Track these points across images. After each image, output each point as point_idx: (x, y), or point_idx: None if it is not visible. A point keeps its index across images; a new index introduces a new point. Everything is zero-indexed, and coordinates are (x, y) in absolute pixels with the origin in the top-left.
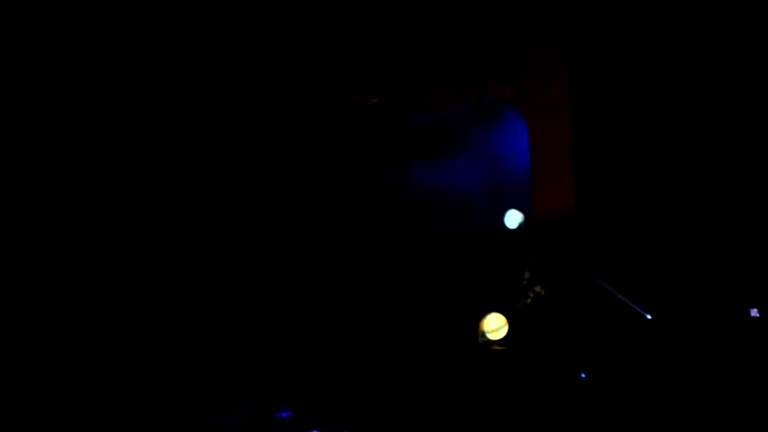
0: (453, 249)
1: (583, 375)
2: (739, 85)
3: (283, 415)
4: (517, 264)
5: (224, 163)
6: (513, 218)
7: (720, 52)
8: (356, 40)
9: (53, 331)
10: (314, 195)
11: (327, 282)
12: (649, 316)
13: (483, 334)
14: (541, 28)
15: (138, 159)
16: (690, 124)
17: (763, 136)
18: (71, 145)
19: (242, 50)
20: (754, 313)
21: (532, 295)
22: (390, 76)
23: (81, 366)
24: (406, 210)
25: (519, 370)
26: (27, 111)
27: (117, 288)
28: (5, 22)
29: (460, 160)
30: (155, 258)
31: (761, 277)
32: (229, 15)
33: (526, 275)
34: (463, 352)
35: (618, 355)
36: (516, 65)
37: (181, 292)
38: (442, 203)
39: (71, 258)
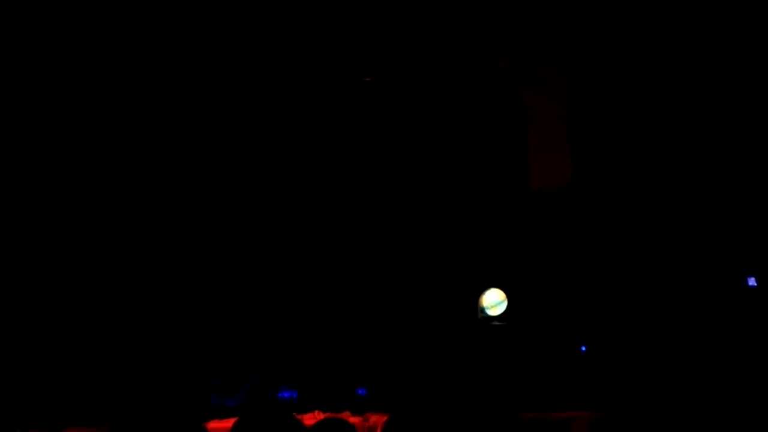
0: (448, 227)
1: (583, 348)
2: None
3: (286, 395)
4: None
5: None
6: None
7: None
8: (350, 18)
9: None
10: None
11: (325, 264)
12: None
13: (482, 310)
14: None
15: (131, 154)
16: (683, 101)
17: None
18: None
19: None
20: (752, 282)
21: None
22: (383, 54)
23: (80, 353)
24: (401, 190)
25: (519, 345)
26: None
27: (116, 275)
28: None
29: (455, 138)
30: (154, 246)
31: (759, 246)
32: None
33: None
34: (462, 328)
35: (618, 327)
36: (511, 39)
37: (182, 278)
38: (437, 183)
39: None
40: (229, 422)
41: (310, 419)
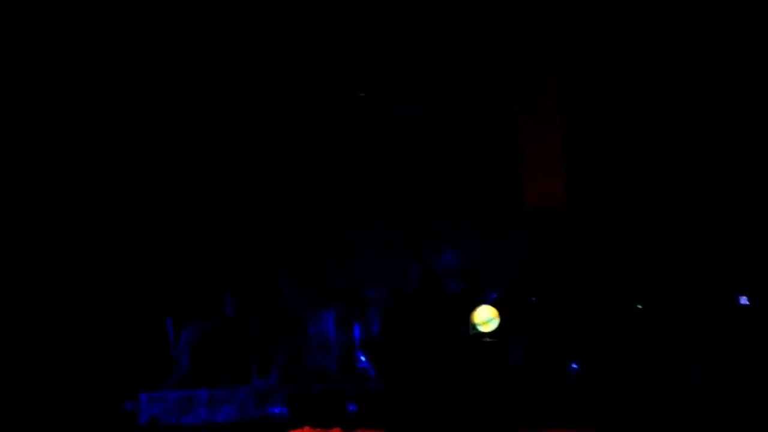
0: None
1: (575, 366)
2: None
3: (276, 411)
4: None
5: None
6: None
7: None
8: (346, 35)
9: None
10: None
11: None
12: (639, 306)
13: (474, 326)
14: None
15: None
16: (680, 120)
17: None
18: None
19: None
20: (744, 300)
21: None
22: (378, 71)
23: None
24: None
25: (510, 362)
26: None
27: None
28: None
29: (449, 156)
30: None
31: (750, 266)
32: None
33: None
34: (454, 344)
35: (610, 346)
36: (506, 60)
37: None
38: (431, 198)
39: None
40: None
41: None
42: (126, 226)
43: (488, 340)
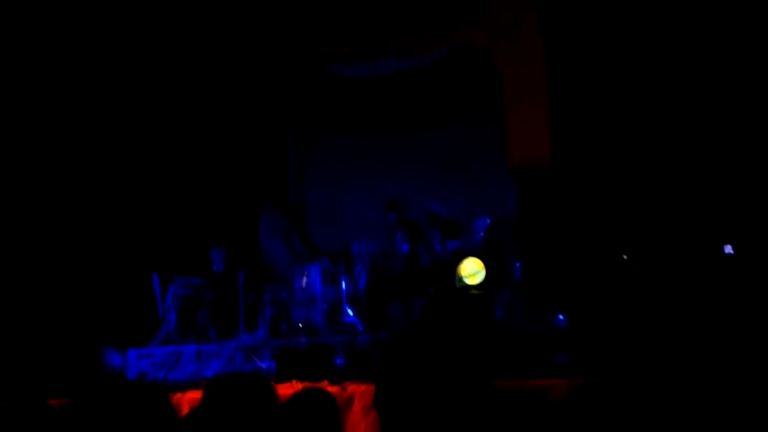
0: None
1: (561, 317)
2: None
3: (264, 365)
4: None
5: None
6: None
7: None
8: None
9: None
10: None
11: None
12: (625, 257)
13: (460, 279)
14: None
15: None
16: (665, 74)
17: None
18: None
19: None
20: (728, 249)
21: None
22: (360, 24)
23: None
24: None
25: (497, 315)
26: None
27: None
28: None
29: (435, 109)
30: None
31: (734, 215)
32: None
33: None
34: (441, 296)
35: (596, 297)
36: (489, 10)
37: None
38: (418, 156)
39: None
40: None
41: (287, 389)
42: (111, 184)
43: (475, 292)
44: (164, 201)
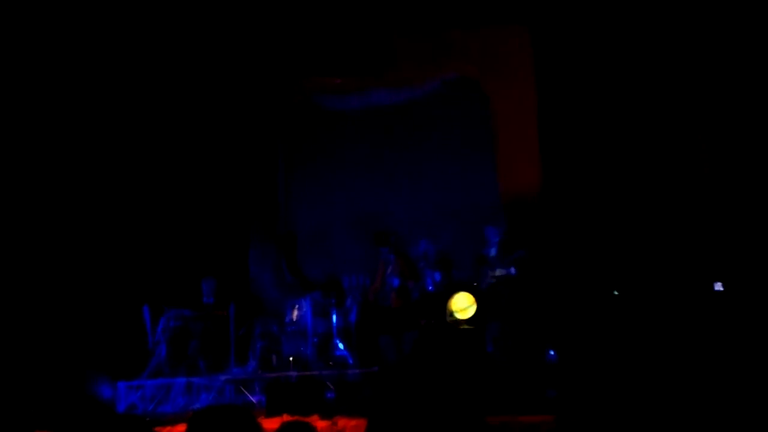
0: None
1: (552, 353)
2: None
3: (254, 399)
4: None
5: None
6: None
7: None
8: (318, 19)
9: None
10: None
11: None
12: (616, 292)
13: (451, 314)
14: (505, 5)
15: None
16: (655, 107)
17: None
18: None
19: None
20: (718, 286)
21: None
22: (352, 57)
23: None
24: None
25: (488, 349)
26: None
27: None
28: None
29: (425, 141)
30: None
31: (724, 252)
32: None
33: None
34: (431, 330)
35: (586, 332)
36: (481, 43)
37: None
38: (409, 185)
39: None
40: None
41: (278, 423)
42: (102, 216)
43: (465, 327)
44: (155, 232)
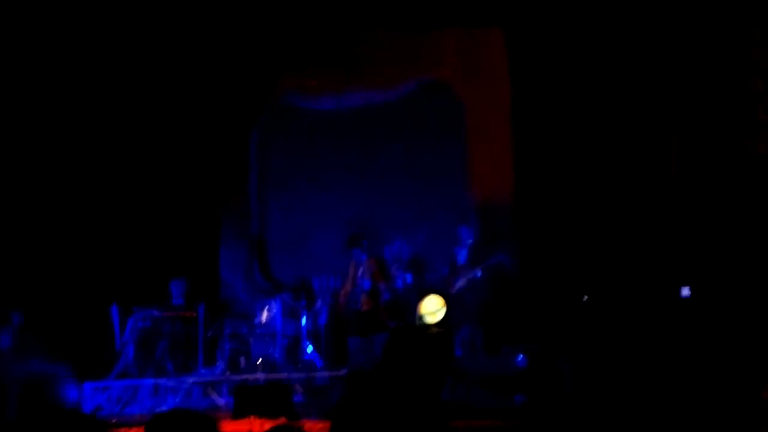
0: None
1: (521, 357)
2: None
3: (222, 401)
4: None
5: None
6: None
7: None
8: (293, 20)
9: None
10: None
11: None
12: (585, 297)
13: (421, 317)
14: (480, 8)
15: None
16: (627, 116)
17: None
18: None
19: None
20: (685, 292)
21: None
22: (327, 59)
23: None
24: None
25: (457, 353)
26: None
27: None
28: None
29: (400, 142)
30: None
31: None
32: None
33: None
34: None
35: (555, 336)
36: (455, 46)
37: None
38: (384, 186)
39: None
40: None
41: (245, 425)
42: (71, 214)
43: (435, 330)
44: (124, 231)
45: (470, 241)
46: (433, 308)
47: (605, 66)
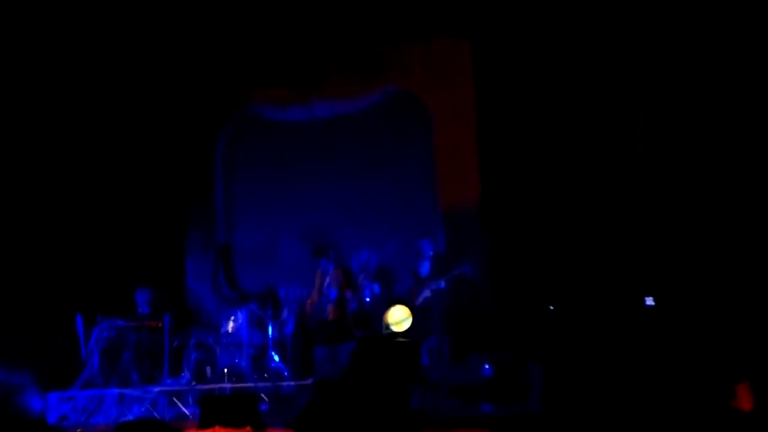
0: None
1: (487, 366)
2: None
3: (187, 411)
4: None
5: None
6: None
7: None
8: (260, 30)
9: None
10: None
11: None
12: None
13: (387, 326)
14: (446, 19)
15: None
16: (594, 124)
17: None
18: None
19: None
20: (650, 301)
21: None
22: (294, 70)
23: None
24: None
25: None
26: None
27: None
28: None
29: (368, 152)
30: None
31: (655, 268)
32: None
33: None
34: (369, 342)
35: (523, 344)
36: (421, 57)
37: None
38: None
39: None
40: None
41: None
42: (34, 221)
43: (401, 339)
44: (89, 240)
45: (431, 253)
46: (399, 318)
47: (570, 75)
